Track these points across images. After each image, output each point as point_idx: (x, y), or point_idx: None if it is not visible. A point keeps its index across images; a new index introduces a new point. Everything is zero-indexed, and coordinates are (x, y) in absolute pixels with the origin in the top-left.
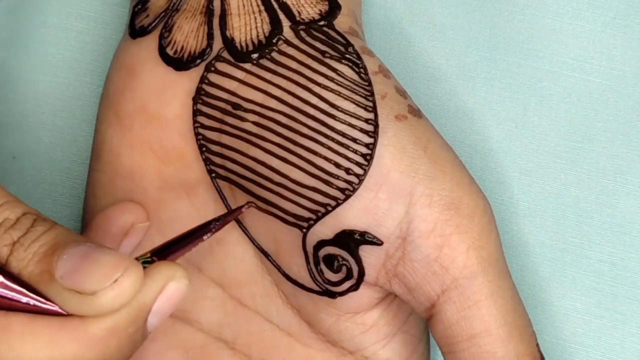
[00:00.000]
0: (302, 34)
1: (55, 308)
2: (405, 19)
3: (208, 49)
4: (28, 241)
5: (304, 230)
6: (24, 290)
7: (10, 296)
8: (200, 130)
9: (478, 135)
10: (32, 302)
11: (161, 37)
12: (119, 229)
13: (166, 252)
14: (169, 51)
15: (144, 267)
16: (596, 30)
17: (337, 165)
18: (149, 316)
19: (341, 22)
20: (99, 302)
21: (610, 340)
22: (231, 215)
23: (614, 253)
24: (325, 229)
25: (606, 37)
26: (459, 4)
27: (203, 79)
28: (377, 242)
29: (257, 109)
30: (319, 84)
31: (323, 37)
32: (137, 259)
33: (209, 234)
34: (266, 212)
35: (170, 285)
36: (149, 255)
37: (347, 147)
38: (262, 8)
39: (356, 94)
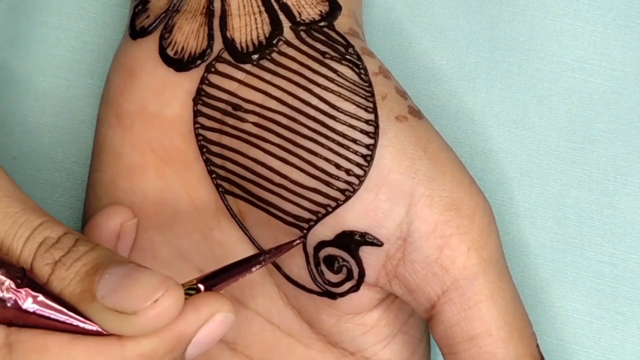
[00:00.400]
0: (303, 34)
1: (95, 327)
2: (405, 19)
3: (208, 50)
4: (70, 260)
5: (304, 231)
6: (64, 310)
7: (50, 315)
8: (201, 131)
9: (478, 136)
10: (71, 321)
11: (161, 38)
12: (111, 233)
13: (212, 281)
14: (170, 52)
15: (189, 294)
16: (597, 31)
17: (338, 166)
18: (189, 346)
19: (341, 22)
20: (139, 321)
21: (610, 341)
22: (282, 249)
23: (615, 254)
24: (325, 230)
25: (607, 38)
26: (460, 4)
27: (203, 80)
28: (377, 243)
29: (257, 109)
30: (319, 85)
31: (323, 38)
32: (182, 285)
33: (257, 266)
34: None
35: (216, 317)
36: (194, 282)
37: (347, 148)
38: (262, 9)
39: (356, 95)
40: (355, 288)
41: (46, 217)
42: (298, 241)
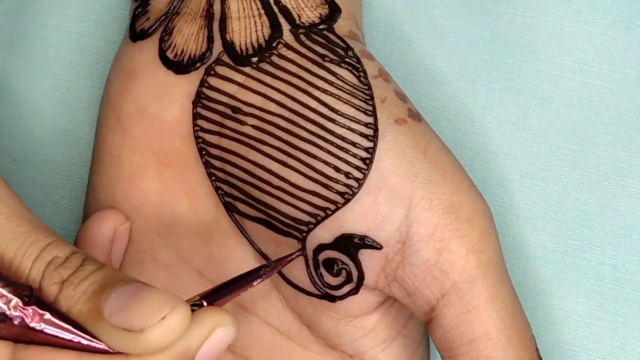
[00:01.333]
0: (302, 37)
1: (102, 346)
2: (406, 21)
3: (208, 53)
4: (77, 280)
5: (304, 234)
6: (72, 328)
7: (57, 333)
8: (200, 134)
9: (479, 138)
10: (78, 339)
11: (161, 40)
12: (104, 238)
13: (215, 296)
14: (169, 54)
15: (193, 310)
16: (597, 33)
17: (337, 169)
18: None
19: (341, 25)
20: (146, 339)
21: (611, 343)
22: (282, 262)
23: (615, 256)
24: (324, 232)
25: (607, 39)
26: (460, 6)
27: (203, 83)
28: (376, 246)
29: (257, 112)
30: (318, 88)
31: (323, 41)
32: (186, 301)
33: (258, 280)
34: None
35: (217, 331)
36: (198, 298)
37: (346, 151)
38: (262, 12)
39: (356, 97)
40: (354, 291)
41: (54, 237)
42: (298, 253)
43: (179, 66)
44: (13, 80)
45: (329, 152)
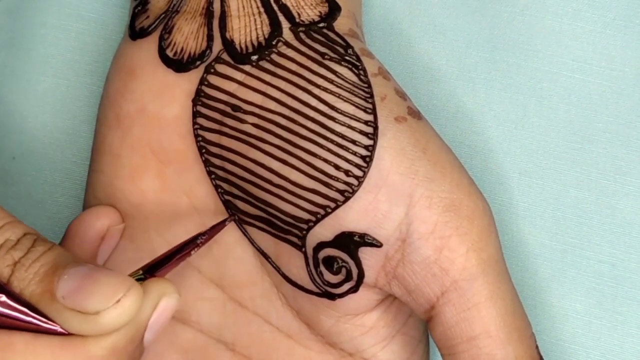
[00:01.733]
0: (302, 35)
1: (56, 327)
2: (405, 19)
3: (208, 51)
4: (29, 261)
5: (304, 232)
6: (26, 310)
7: (12, 315)
8: (200, 132)
9: (478, 136)
10: (33, 321)
11: (161, 38)
12: (96, 234)
13: (156, 268)
14: (169, 53)
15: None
16: (596, 31)
17: (337, 167)
18: (145, 333)
19: (341, 23)
20: (102, 321)
21: (610, 341)
22: (215, 229)
23: (614, 254)
24: (324, 230)
25: (606, 37)
26: (459, 4)
27: (203, 81)
28: (376, 244)
29: (257, 110)
30: (318, 86)
31: (322, 39)
32: (130, 275)
33: (196, 249)
34: (254, 226)
35: (163, 300)
36: (140, 272)
37: (346, 149)
38: (261, 10)
39: (356, 96)
40: (354, 289)
41: (8, 218)
42: (231, 219)
43: (178, 64)
44: (13, 78)
45: (329, 150)
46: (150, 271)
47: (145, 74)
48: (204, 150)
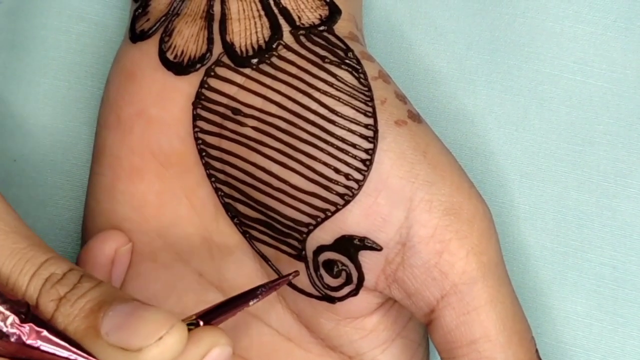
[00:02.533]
0: (302, 39)
1: None
2: (405, 22)
3: (208, 54)
4: (75, 297)
5: (304, 235)
6: (68, 346)
7: (54, 351)
8: (200, 135)
9: (479, 138)
10: (75, 357)
11: (161, 41)
12: (106, 258)
13: (211, 316)
14: (169, 56)
15: (189, 329)
16: (597, 33)
17: (337, 171)
18: None
19: (341, 27)
20: (144, 358)
21: (611, 344)
22: (279, 283)
23: (615, 256)
24: (324, 234)
25: (607, 40)
26: (460, 7)
27: (203, 84)
28: (376, 247)
29: (257, 114)
30: (318, 90)
31: (323, 43)
32: (183, 320)
33: (255, 300)
34: (254, 229)
35: (214, 350)
36: (194, 317)
37: (346, 152)
38: (262, 13)
39: (356, 99)
40: (354, 292)
41: (52, 253)
42: (294, 274)
43: (178, 67)
44: (13, 80)
45: (328, 153)
46: (204, 318)
47: (145, 76)
48: (204, 153)
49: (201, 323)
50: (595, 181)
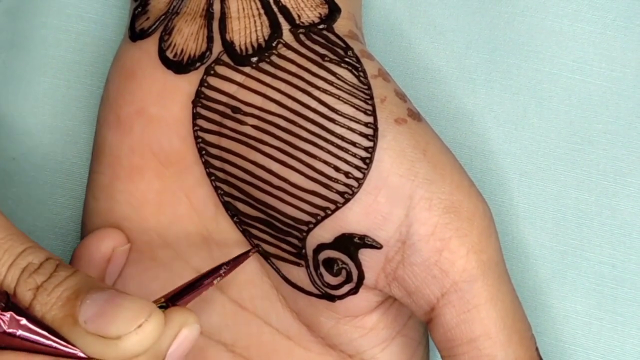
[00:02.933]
0: (302, 37)
1: (77, 352)
2: (405, 21)
3: (208, 52)
4: (51, 286)
5: (304, 233)
6: (46, 334)
7: (33, 339)
8: (200, 133)
9: (478, 137)
10: (54, 345)
11: (161, 40)
12: (102, 256)
13: (178, 297)
14: (169, 54)
15: None
16: (596, 32)
17: (337, 169)
18: None
19: (341, 25)
20: (123, 346)
21: (610, 342)
22: (239, 260)
23: (614, 255)
24: (324, 232)
25: (606, 38)
26: (459, 5)
27: (203, 82)
28: (376, 245)
29: (257, 112)
30: (318, 88)
31: (322, 41)
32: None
33: (219, 278)
34: (254, 228)
35: (183, 330)
36: (163, 300)
37: (346, 150)
38: (261, 11)
39: (356, 97)
40: (354, 291)
41: (29, 243)
42: (254, 250)
43: (178, 66)
44: (13, 79)
45: (328, 151)
46: (172, 300)
47: (145, 75)
48: (203, 152)
49: (169, 305)
50: (594, 180)
